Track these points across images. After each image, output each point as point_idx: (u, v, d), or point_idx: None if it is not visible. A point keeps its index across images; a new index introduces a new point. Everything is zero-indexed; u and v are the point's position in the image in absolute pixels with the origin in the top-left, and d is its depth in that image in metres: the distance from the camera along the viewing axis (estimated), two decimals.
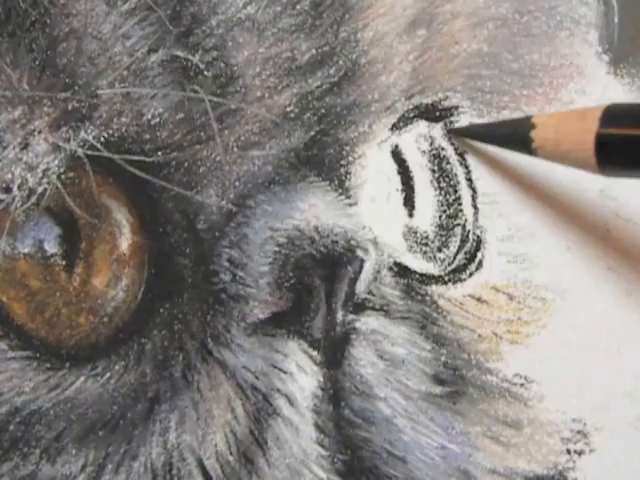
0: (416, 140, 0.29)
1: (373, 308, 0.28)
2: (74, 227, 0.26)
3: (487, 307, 0.29)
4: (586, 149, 0.24)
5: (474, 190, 0.30)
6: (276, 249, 0.26)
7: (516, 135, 0.27)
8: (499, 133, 0.29)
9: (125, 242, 0.26)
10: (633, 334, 0.29)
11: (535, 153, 0.27)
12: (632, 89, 0.31)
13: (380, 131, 0.29)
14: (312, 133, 0.27)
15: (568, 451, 0.29)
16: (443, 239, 0.29)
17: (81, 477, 0.25)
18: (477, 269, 0.29)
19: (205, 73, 0.26)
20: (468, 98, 0.30)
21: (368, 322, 0.27)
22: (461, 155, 0.30)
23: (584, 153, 0.24)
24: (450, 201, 0.30)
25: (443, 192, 0.29)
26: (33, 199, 0.25)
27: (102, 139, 0.26)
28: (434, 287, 0.29)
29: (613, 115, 0.24)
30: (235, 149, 0.27)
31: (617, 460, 0.29)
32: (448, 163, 0.30)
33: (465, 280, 0.29)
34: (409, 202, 0.29)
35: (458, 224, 0.29)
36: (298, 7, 0.27)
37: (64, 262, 0.26)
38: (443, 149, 0.30)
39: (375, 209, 0.29)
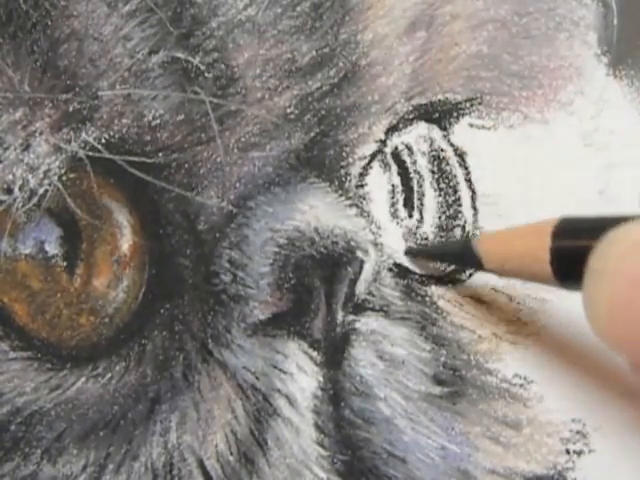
0: (416, 141, 0.30)
1: (373, 309, 0.28)
2: (75, 228, 0.26)
3: (487, 308, 0.29)
4: (542, 264, 0.24)
5: (474, 191, 0.30)
6: (276, 250, 0.26)
7: (465, 253, 0.27)
8: (449, 251, 0.29)
9: (126, 243, 0.26)
10: None
11: (487, 270, 0.27)
12: (631, 90, 0.31)
13: (380, 132, 0.29)
14: (312, 134, 0.28)
15: (567, 451, 0.29)
16: (443, 240, 0.29)
17: (82, 477, 0.26)
18: (477, 270, 0.29)
19: (206, 75, 0.26)
20: (468, 99, 0.30)
21: (368, 323, 0.27)
22: (461, 156, 0.30)
23: (539, 267, 0.24)
24: (450, 202, 0.30)
25: (443, 193, 0.30)
26: (34, 200, 0.25)
27: (103, 140, 0.26)
28: (434, 288, 0.29)
29: (565, 230, 0.24)
30: (235, 150, 0.27)
31: (616, 460, 0.29)
32: (448, 164, 0.30)
33: (465, 281, 0.29)
34: (409, 203, 0.29)
35: (458, 225, 0.30)
36: (298, 9, 0.27)
37: (65, 263, 0.26)
38: (443, 150, 0.30)
39: (375, 210, 0.29)
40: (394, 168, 0.29)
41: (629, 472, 0.29)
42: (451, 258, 0.29)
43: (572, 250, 0.22)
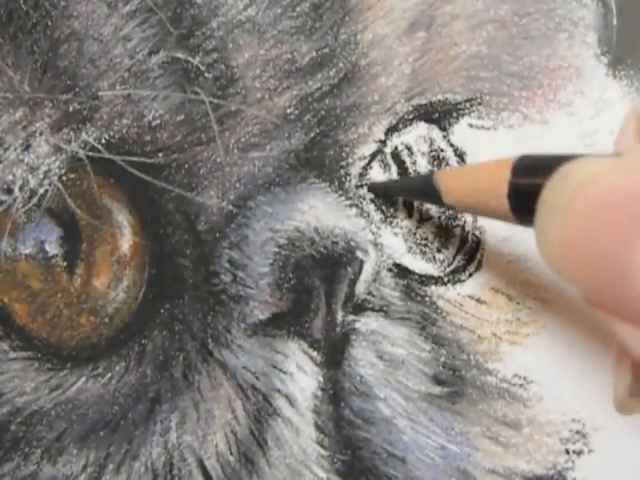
0: (416, 141, 0.30)
1: (373, 309, 0.28)
2: (75, 228, 0.26)
3: (486, 308, 0.29)
4: (500, 199, 0.24)
5: None
6: (276, 250, 0.26)
7: (425, 188, 0.27)
8: (411, 186, 0.29)
9: (126, 243, 0.26)
10: None
11: (446, 205, 0.27)
12: (630, 90, 0.31)
13: (380, 133, 0.29)
14: (312, 135, 0.28)
15: (567, 451, 0.29)
16: (442, 240, 0.29)
17: (82, 477, 0.26)
18: (476, 270, 0.29)
19: (206, 75, 0.26)
20: (467, 100, 0.30)
21: (368, 323, 0.27)
22: (460, 156, 0.30)
23: (497, 203, 0.24)
24: None
25: None
26: (34, 200, 0.25)
27: (103, 140, 0.26)
28: (434, 288, 0.29)
29: (524, 165, 0.24)
30: (235, 150, 0.27)
31: (616, 460, 0.29)
32: (447, 164, 0.30)
33: (464, 281, 0.29)
34: (409, 203, 0.29)
35: (457, 225, 0.30)
36: (298, 9, 0.27)
37: (65, 263, 0.26)
38: (442, 150, 0.30)
39: (375, 210, 0.29)
40: (394, 168, 0.29)
41: (629, 472, 0.29)
42: (413, 193, 0.28)
43: (529, 186, 0.22)
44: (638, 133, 0.24)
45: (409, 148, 0.29)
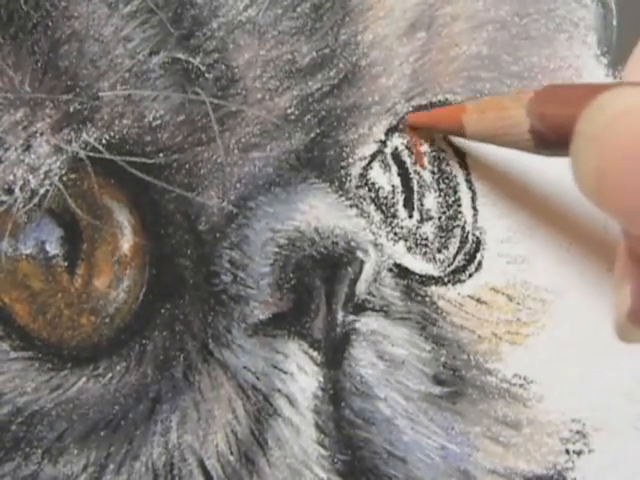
0: (416, 142, 0.30)
1: (373, 309, 0.28)
2: (76, 228, 0.26)
3: (487, 308, 0.29)
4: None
5: (473, 191, 0.30)
6: (277, 250, 0.26)
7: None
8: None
9: (126, 243, 0.26)
10: None
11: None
12: None
13: (380, 133, 0.29)
14: (312, 135, 0.28)
15: (567, 451, 0.29)
16: (443, 240, 0.29)
17: (83, 477, 0.26)
18: (476, 270, 0.29)
19: (206, 75, 0.26)
20: (468, 100, 0.30)
21: (368, 323, 0.27)
22: (461, 157, 0.30)
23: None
24: (450, 202, 0.30)
25: (443, 193, 0.30)
26: (35, 200, 0.25)
27: (104, 141, 0.26)
28: (434, 288, 0.29)
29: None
30: (236, 151, 0.27)
31: (616, 460, 0.29)
32: (448, 164, 0.30)
33: (465, 281, 0.29)
34: (409, 203, 0.29)
35: (457, 225, 0.30)
36: (299, 10, 0.27)
37: (66, 263, 0.26)
38: (443, 151, 0.30)
39: (375, 210, 0.29)
40: (394, 169, 0.29)
41: (629, 472, 0.29)
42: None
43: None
44: None
45: (409, 148, 0.29)
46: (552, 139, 0.22)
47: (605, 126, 0.20)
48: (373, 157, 0.29)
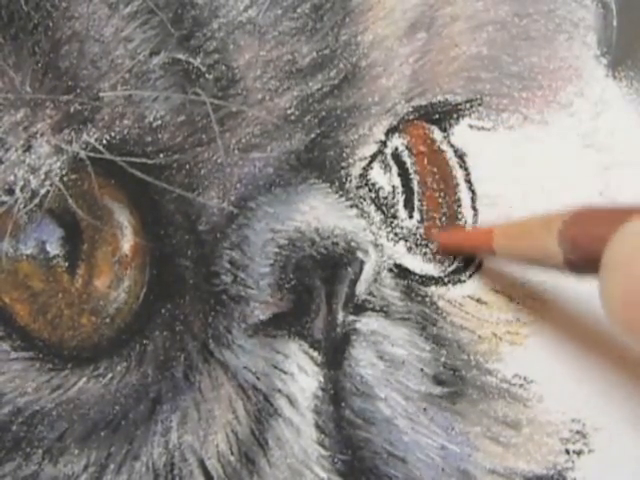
0: (416, 142, 0.30)
1: (373, 309, 0.28)
2: (76, 229, 0.26)
3: (487, 308, 0.29)
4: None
5: (473, 192, 0.30)
6: (277, 250, 0.26)
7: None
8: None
9: (127, 243, 0.26)
10: None
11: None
12: (630, 91, 0.31)
13: (380, 133, 0.29)
14: (313, 135, 0.28)
15: (567, 451, 0.29)
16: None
17: (83, 477, 0.26)
18: (477, 270, 0.29)
19: (206, 76, 0.26)
20: (467, 101, 0.30)
21: (368, 323, 0.27)
22: (461, 157, 0.30)
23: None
24: (450, 203, 0.30)
25: (443, 193, 0.30)
26: (36, 201, 0.25)
27: (104, 141, 0.26)
28: (434, 288, 0.29)
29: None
30: (236, 151, 0.27)
31: (616, 460, 0.29)
32: (448, 165, 0.30)
33: (465, 281, 0.29)
34: (409, 204, 0.29)
35: (457, 225, 0.30)
36: (299, 10, 0.27)
37: (66, 263, 0.26)
38: (443, 151, 0.30)
39: (375, 211, 0.29)
40: (394, 169, 0.29)
41: (629, 472, 0.29)
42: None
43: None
44: None
45: (409, 149, 0.30)
46: (585, 266, 0.22)
47: (632, 254, 0.20)
48: (373, 157, 0.29)
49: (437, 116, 0.30)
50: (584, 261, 0.22)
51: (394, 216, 0.29)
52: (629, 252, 0.20)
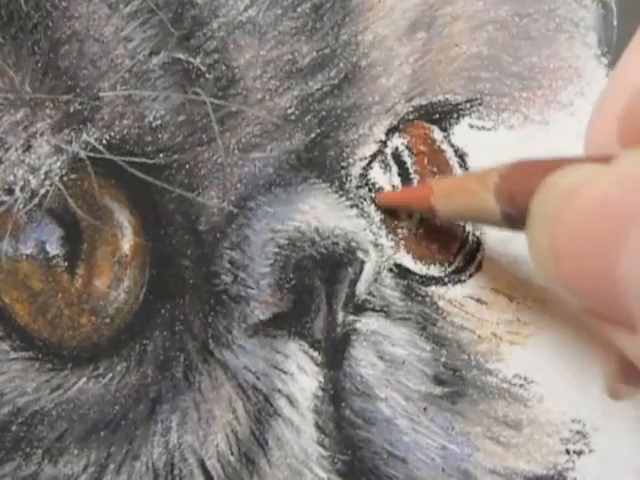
0: (416, 142, 0.30)
1: (373, 309, 0.28)
2: (76, 229, 0.26)
3: (487, 308, 0.29)
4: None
5: None
6: (277, 250, 0.26)
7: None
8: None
9: (127, 243, 0.26)
10: None
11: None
12: None
13: (380, 133, 0.29)
14: (313, 135, 0.28)
15: (567, 451, 0.29)
16: (443, 240, 0.29)
17: (83, 477, 0.26)
18: (477, 270, 0.29)
19: (206, 76, 0.26)
20: (468, 100, 0.30)
21: (368, 323, 0.27)
22: (461, 157, 0.30)
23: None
24: None
25: None
26: (35, 201, 0.25)
27: (104, 141, 0.26)
28: (434, 288, 0.29)
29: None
30: (236, 151, 0.27)
31: (616, 460, 0.29)
32: (448, 165, 0.30)
33: (465, 281, 0.29)
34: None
35: (458, 225, 0.30)
36: (299, 10, 0.27)
37: (66, 263, 0.26)
38: (443, 151, 0.30)
39: (375, 211, 0.29)
40: (394, 169, 0.29)
41: (629, 472, 0.29)
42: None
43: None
44: (618, 133, 0.24)
45: (410, 149, 0.30)
46: (523, 220, 0.22)
47: (556, 205, 0.20)
48: (373, 157, 0.29)
49: (437, 116, 0.30)
50: (522, 215, 0.22)
51: (394, 216, 0.29)
52: (554, 203, 0.20)
